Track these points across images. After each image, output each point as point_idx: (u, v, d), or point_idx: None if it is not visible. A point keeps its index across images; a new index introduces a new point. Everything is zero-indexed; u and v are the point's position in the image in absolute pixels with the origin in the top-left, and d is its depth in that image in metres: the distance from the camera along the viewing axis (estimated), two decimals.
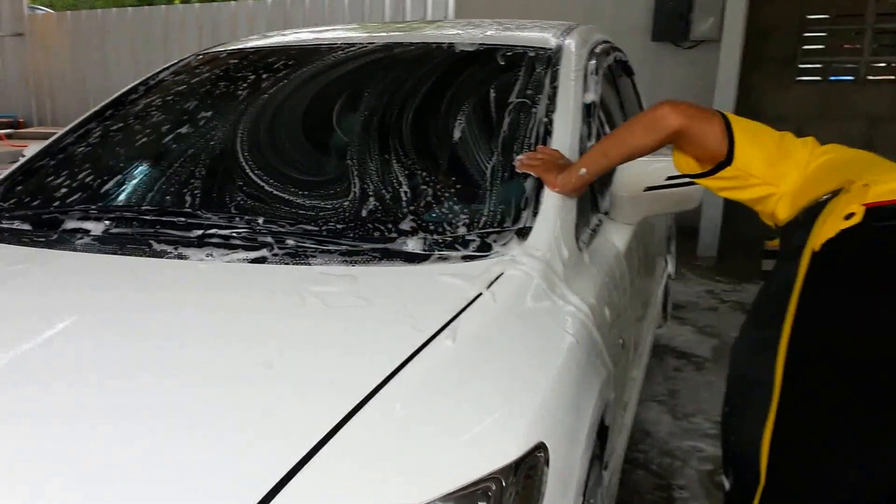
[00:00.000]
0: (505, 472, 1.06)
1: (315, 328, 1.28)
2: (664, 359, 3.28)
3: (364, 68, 2.13)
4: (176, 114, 2.10)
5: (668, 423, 2.74)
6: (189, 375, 1.16)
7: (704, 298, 3.99)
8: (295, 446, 1.02)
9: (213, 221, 1.61)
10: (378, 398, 1.11)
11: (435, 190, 1.68)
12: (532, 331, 1.35)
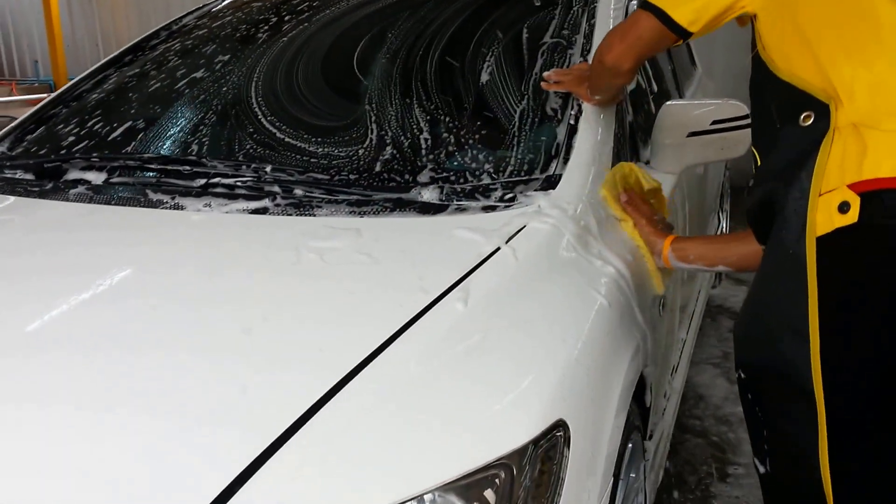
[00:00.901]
0: (516, 457, 0.92)
1: (307, 289, 1.16)
2: (718, 319, 3.08)
3: (388, 9, 1.99)
4: (193, 59, 1.99)
5: (724, 387, 2.57)
6: (158, 344, 1.04)
7: None
8: (265, 431, 0.90)
9: (219, 170, 1.50)
10: (367, 372, 0.98)
11: (457, 135, 1.54)
12: (556, 292, 1.20)
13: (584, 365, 1.11)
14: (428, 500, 0.88)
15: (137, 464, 0.88)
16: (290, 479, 0.86)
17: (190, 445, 0.90)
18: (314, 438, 0.90)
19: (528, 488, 0.94)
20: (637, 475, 1.49)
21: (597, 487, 1.07)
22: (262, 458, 0.87)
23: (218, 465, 0.87)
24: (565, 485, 0.98)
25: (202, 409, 0.94)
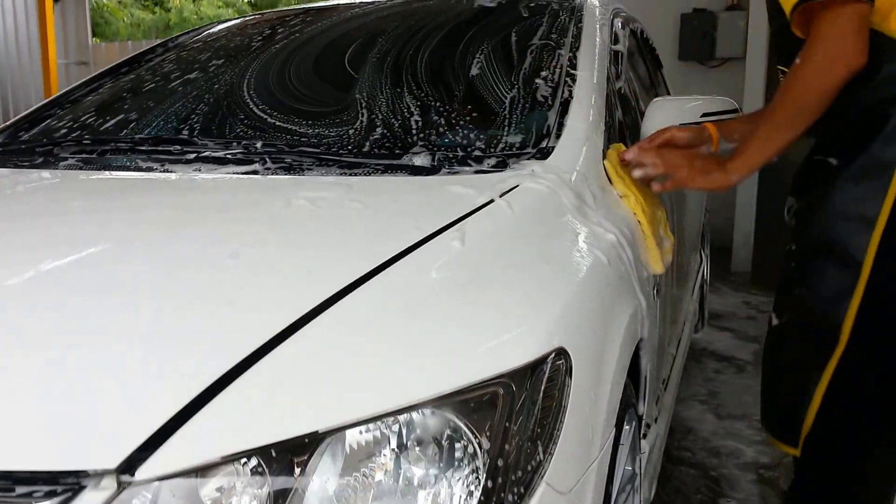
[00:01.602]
0: (516, 377, 0.87)
1: (297, 225, 1.11)
2: (703, 361, 3.04)
3: (382, 20, 2.05)
4: (188, 65, 2.00)
5: (712, 421, 2.50)
6: (146, 264, 1.01)
7: (742, 309, 3.75)
8: (252, 341, 0.84)
9: (210, 147, 1.48)
10: (361, 293, 0.93)
11: (449, 118, 1.53)
12: (554, 243, 1.17)
13: (585, 306, 1.06)
14: (425, 414, 0.82)
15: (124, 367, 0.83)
16: (279, 384, 0.80)
17: (175, 354, 0.84)
18: (306, 347, 0.84)
19: (529, 411, 0.87)
20: (633, 468, 1.41)
21: (599, 429, 1.00)
22: (248, 363, 0.82)
23: (206, 368, 0.81)
24: (567, 413, 0.92)
25: (188, 320, 0.90)
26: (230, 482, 0.79)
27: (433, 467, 0.81)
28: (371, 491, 0.81)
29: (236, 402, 0.79)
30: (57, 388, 0.81)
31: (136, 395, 0.80)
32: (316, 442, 0.79)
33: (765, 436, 2.28)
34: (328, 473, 0.80)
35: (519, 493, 0.84)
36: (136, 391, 0.81)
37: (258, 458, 0.78)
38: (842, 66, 1.24)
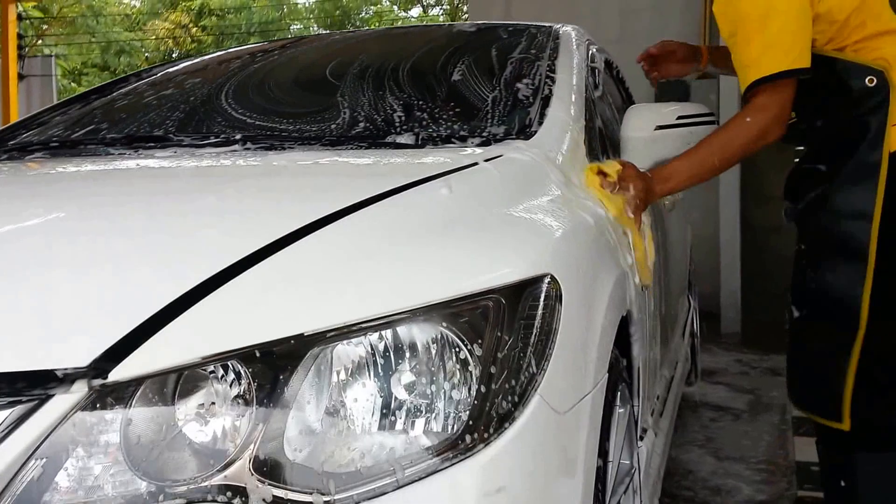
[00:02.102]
0: (507, 294, 0.84)
1: (294, 170, 1.12)
2: (699, 412, 2.95)
3: (365, 43, 2.13)
4: (169, 85, 2.03)
5: (711, 462, 2.39)
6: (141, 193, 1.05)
7: (734, 366, 3.69)
8: (251, 242, 0.83)
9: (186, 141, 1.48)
10: (357, 215, 0.92)
11: (432, 114, 1.55)
12: (540, 200, 1.16)
13: (573, 248, 1.05)
14: (416, 322, 0.78)
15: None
16: (266, 290, 0.78)
17: (159, 258, 0.83)
18: (297, 258, 0.82)
19: (521, 326, 0.84)
20: (630, 462, 1.34)
21: (592, 365, 0.96)
22: (235, 271, 0.79)
23: (191, 273, 0.79)
24: (559, 335, 0.88)
25: (180, 227, 0.89)
26: (210, 390, 0.73)
27: (425, 374, 0.77)
28: (362, 401, 0.76)
29: (220, 306, 0.76)
30: (32, 287, 0.77)
31: (114, 297, 0.77)
32: (301, 351, 0.75)
33: (762, 475, 2.21)
34: (315, 385, 0.75)
35: (513, 402, 0.79)
36: (115, 292, 0.77)
37: (240, 365, 0.74)
38: (771, 138, 1.49)
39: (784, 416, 2.83)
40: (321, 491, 0.71)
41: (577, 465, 0.88)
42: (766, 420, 2.81)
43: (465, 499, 0.72)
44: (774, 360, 3.72)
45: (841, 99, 1.49)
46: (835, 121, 1.51)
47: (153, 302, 0.74)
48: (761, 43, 1.43)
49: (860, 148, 1.47)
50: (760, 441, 2.58)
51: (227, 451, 0.72)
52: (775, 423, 2.76)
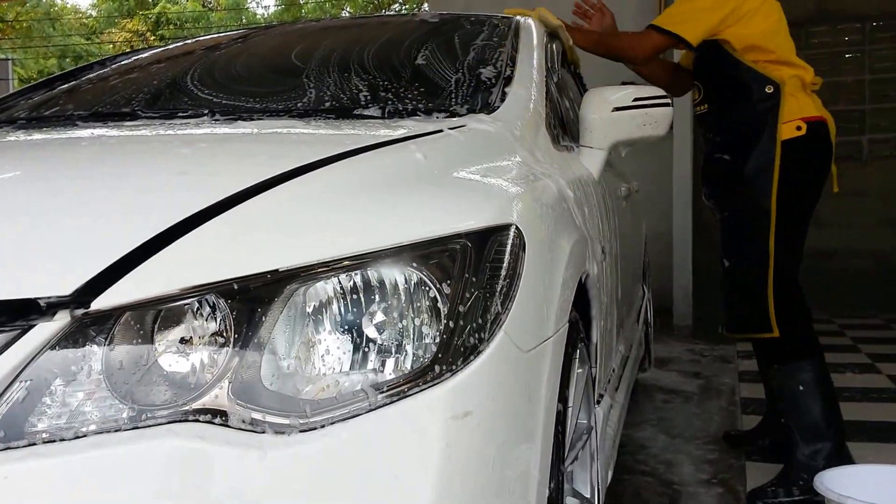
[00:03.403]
0: (473, 239, 0.90)
1: (257, 139, 1.14)
2: (652, 394, 3.05)
3: (333, 30, 2.16)
4: (140, 70, 2.03)
5: (664, 440, 2.49)
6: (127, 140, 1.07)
7: (686, 355, 3.83)
8: (232, 184, 0.87)
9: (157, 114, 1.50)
10: (330, 167, 0.96)
11: (397, 92, 1.60)
12: (504, 163, 1.22)
13: (534, 206, 1.10)
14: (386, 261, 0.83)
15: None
16: (244, 228, 0.82)
17: (139, 195, 0.87)
18: (274, 200, 0.86)
19: (486, 269, 0.89)
20: (588, 422, 1.40)
21: (553, 312, 1.02)
22: (216, 210, 0.82)
23: (171, 210, 0.82)
24: (523, 280, 0.93)
25: (167, 166, 0.94)
26: (189, 324, 0.77)
27: (396, 310, 0.81)
28: (335, 334, 0.80)
29: (199, 243, 0.79)
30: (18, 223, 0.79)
31: (97, 232, 0.79)
32: (277, 288, 0.79)
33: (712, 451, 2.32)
34: (291, 320, 0.79)
35: (479, 337, 0.84)
36: (98, 228, 0.80)
37: (219, 298, 0.77)
38: (633, 54, 2.16)
39: (733, 398, 2.96)
40: (298, 414, 0.74)
41: (539, 401, 0.93)
42: (716, 402, 2.92)
43: (433, 420, 0.76)
44: (724, 350, 3.87)
45: (745, 98, 2.04)
46: (742, 114, 2.05)
47: (135, 237, 0.77)
48: (679, 10, 2.08)
49: (762, 137, 2.02)
50: (710, 420, 2.68)
51: (205, 380, 0.75)
52: (724, 405, 2.87)
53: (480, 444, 0.80)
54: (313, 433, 0.72)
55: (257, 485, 0.70)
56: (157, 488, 0.69)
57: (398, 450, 0.75)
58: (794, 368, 2.02)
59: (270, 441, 0.71)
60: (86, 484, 0.68)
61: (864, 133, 5.05)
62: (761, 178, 2.00)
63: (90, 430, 0.70)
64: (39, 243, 0.77)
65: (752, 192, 2.02)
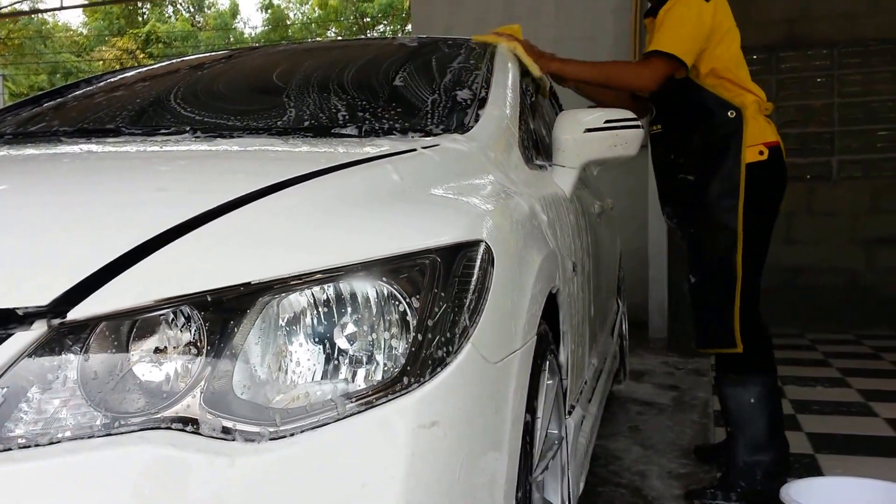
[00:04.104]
0: (443, 254, 0.93)
1: (248, 151, 1.17)
2: (626, 406, 3.09)
3: (315, 52, 2.20)
4: (124, 88, 2.05)
5: (638, 451, 2.52)
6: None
7: (660, 367, 3.88)
8: (210, 199, 0.89)
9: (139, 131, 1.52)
10: (309, 182, 0.99)
11: (375, 112, 1.63)
12: (476, 182, 1.26)
13: (505, 224, 1.14)
14: (357, 275, 0.85)
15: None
16: (218, 242, 0.84)
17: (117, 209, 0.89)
18: (250, 216, 0.89)
19: (455, 284, 0.92)
20: (559, 432, 1.44)
21: (521, 325, 1.05)
22: (191, 225, 0.85)
23: (148, 224, 0.85)
24: (491, 293, 0.97)
25: (147, 183, 0.97)
26: (163, 335, 0.79)
27: (366, 323, 0.84)
28: (306, 347, 0.82)
29: (175, 256, 0.82)
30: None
31: (75, 244, 0.82)
32: (251, 300, 0.81)
33: (684, 462, 2.36)
34: (263, 332, 0.81)
35: (447, 349, 0.87)
36: (75, 240, 0.82)
37: (193, 309, 0.79)
38: (637, 84, 2.14)
39: (706, 410, 3.01)
40: (268, 422, 0.77)
41: (506, 411, 0.96)
42: (689, 414, 2.97)
43: (401, 429, 0.79)
44: (698, 363, 3.93)
45: (708, 123, 2.11)
46: (705, 137, 2.12)
47: (112, 250, 0.79)
48: (674, 33, 2.06)
49: (728, 160, 2.09)
50: (683, 433, 2.73)
51: (178, 388, 0.77)
52: (697, 418, 2.92)
53: (447, 453, 0.83)
54: (283, 441, 0.75)
55: (227, 491, 0.72)
56: (129, 493, 0.71)
57: (366, 458, 0.77)
58: (749, 381, 2.10)
59: (240, 448, 0.74)
60: (60, 488, 0.70)
61: (834, 154, 5.18)
62: (727, 199, 2.07)
63: (65, 436, 0.72)
64: (19, 255, 0.79)
65: (718, 213, 2.09)
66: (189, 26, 22.57)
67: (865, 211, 5.09)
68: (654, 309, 4.72)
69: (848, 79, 5.14)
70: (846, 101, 5.16)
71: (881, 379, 3.54)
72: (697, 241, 2.16)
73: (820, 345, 4.43)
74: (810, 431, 2.71)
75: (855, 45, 5.08)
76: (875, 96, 5.12)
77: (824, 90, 5.20)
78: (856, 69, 5.11)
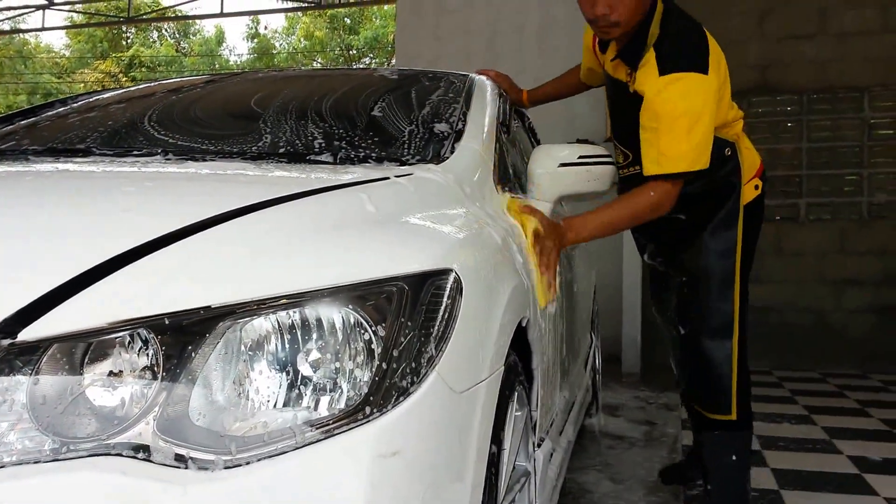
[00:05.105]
0: (411, 282, 0.92)
1: (205, 178, 1.15)
2: (598, 440, 3.08)
3: (295, 80, 2.20)
4: (92, 108, 2.03)
5: (608, 485, 2.51)
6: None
7: (633, 401, 3.88)
8: (173, 221, 0.88)
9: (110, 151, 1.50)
10: (276, 208, 0.98)
11: (352, 141, 1.63)
12: (449, 212, 1.26)
13: (475, 253, 1.14)
14: (323, 301, 0.84)
15: None
16: (180, 265, 0.83)
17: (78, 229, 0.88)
18: (214, 239, 0.88)
19: (423, 312, 0.92)
20: (526, 466, 1.42)
21: (489, 356, 1.04)
22: (152, 246, 0.84)
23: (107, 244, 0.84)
24: (459, 321, 0.96)
25: (112, 203, 0.96)
26: (118, 358, 0.77)
27: (330, 351, 0.83)
28: (266, 374, 0.81)
29: (133, 278, 0.80)
30: None
31: (29, 264, 0.80)
32: (210, 325, 0.80)
33: (654, 497, 2.34)
34: (223, 358, 0.80)
35: (411, 379, 0.86)
36: (30, 261, 0.80)
37: (150, 332, 0.77)
38: (662, 212, 1.78)
39: (675, 445, 3.00)
40: (223, 450, 0.75)
41: (470, 442, 0.95)
42: (660, 448, 2.96)
43: (360, 459, 0.77)
44: (669, 397, 3.94)
45: (717, 167, 1.82)
46: (706, 183, 1.84)
47: (69, 270, 0.78)
48: (686, 144, 1.69)
49: (727, 203, 1.91)
50: (653, 466, 2.72)
51: (132, 413, 0.75)
52: (666, 453, 2.92)
53: (408, 483, 0.82)
54: (238, 469, 0.73)
55: None
56: None
57: (324, 488, 0.75)
58: (732, 437, 1.96)
59: (193, 477, 0.72)
60: None
61: (802, 197, 5.30)
62: (726, 244, 1.89)
63: (10, 460, 0.70)
64: None
65: (716, 260, 1.90)
66: (174, 52, 22.61)
67: (833, 252, 5.19)
68: (627, 343, 4.74)
69: (816, 124, 5.29)
70: (814, 146, 5.30)
71: (845, 417, 3.58)
72: (691, 288, 1.96)
73: (787, 382, 4.47)
74: (776, 467, 2.72)
75: (824, 91, 5.23)
76: (842, 141, 5.26)
77: (793, 135, 5.34)
78: (824, 115, 5.26)
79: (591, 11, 1.74)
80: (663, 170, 1.70)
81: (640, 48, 1.77)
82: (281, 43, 22.76)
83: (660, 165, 1.70)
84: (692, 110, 1.68)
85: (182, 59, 21.98)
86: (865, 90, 5.17)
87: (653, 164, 1.71)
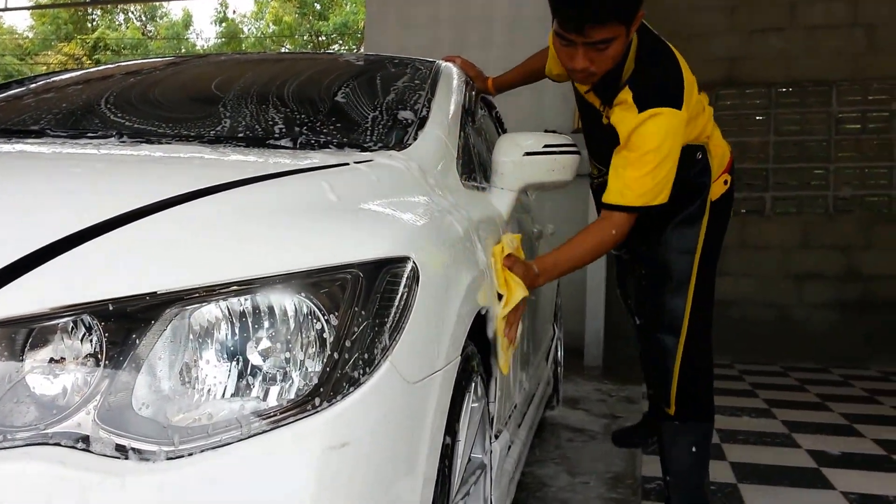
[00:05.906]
0: (365, 269, 0.91)
1: (159, 160, 1.12)
2: (558, 433, 3.10)
3: (257, 64, 2.16)
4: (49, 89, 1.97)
5: (565, 478, 2.52)
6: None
7: (594, 394, 3.92)
8: (120, 203, 0.86)
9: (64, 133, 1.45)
10: (228, 192, 0.96)
11: (312, 126, 1.61)
12: (408, 199, 1.24)
13: (433, 240, 1.13)
14: (274, 288, 0.83)
15: None
16: (127, 249, 0.81)
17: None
18: (160, 224, 0.85)
19: (377, 301, 0.90)
20: (482, 458, 1.42)
21: (444, 347, 1.04)
22: (99, 230, 0.81)
23: (50, 228, 0.81)
24: (414, 312, 0.95)
25: (50, 188, 0.91)
26: (60, 345, 0.74)
27: (280, 339, 0.81)
28: (214, 363, 0.79)
29: (78, 260, 0.77)
30: None
31: None
32: (157, 311, 0.77)
33: (612, 490, 2.37)
34: (170, 346, 0.77)
35: (364, 370, 0.84)
36: None
37: (94, 318, 0.75)
38: (615, 245, 1.83)
39: None
40: (166, 441, 0.73)
41: (423, 433, 0.94)
42: None
43: (309, 450, 0.76)
44: (631, 390, 3.99)
45: (687, 167, 1.86)
46: (679, 180, 1.80)
47: (9, 253, 0.75)
48: (651, 181, 1.72)
49: (696, 200, 1.92)
50: (612, 460, 2.74)
51: (72, 402, 0.73)
52: None
53: (358, 475, 0.80)
54: (180, 461, 0.71)
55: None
56: None
57: (270, 480, 0.74)
58: (691, 428, 2.00)
59: (133, 468, 0.70)
60: None
61: (768, 190, 5.39)
62: (686, 243, 1.91)
63: None
64: None
65: (674, 257, 1.92)
66: (140, 35, 22.16)
67: (797, 246, 5.29)
68: (590, 338, 4.78)
69: (784, 118, 5.38)
70: (782, 140, 5.39)
71: (805, 411, 3.66)
72: (649, 282, 1.99)
73: (748, 375, 4.56)
74: (734, 461, 2.77)
75: (792, 85, 5.32)
76: (809, 135, 5.36)
77: (761, 128, 5.42)
78: (792, 109, 5.35)
79: (570, 63, 1.71)
80: (626, 202, 1.74)
81: (614, 84, 1.77)
82: (249, 27, 22.44)
83: (623, 197, 1.75)
84: (662, 148, 1.71)
85: (148, 42, 21.55)
86: (833, 84, 5.27)
87: (617, 194, 1.76)
